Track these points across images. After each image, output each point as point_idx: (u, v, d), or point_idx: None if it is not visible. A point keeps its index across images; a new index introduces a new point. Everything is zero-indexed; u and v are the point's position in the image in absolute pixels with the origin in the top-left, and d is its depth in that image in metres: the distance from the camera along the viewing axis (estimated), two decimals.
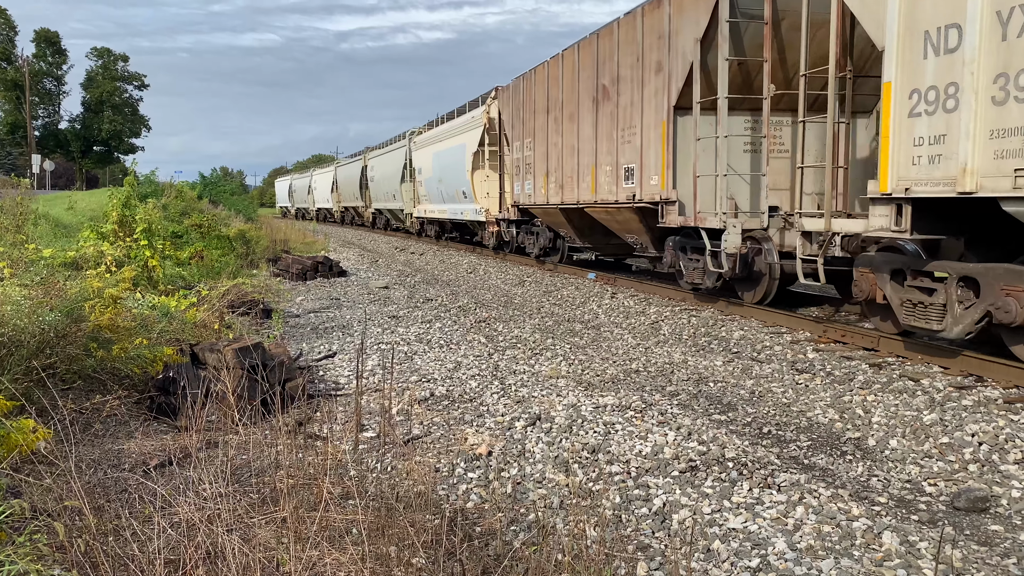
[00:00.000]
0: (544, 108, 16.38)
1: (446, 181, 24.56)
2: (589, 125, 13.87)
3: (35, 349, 5.72)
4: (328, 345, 9.19)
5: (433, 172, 26.41)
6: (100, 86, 72.55)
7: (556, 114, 15.57)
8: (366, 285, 15.61)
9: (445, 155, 24.80)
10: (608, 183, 13.15)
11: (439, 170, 25.55)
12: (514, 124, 18.86)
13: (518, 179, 18.55)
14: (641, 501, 4.51)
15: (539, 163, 16.79)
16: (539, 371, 7.75)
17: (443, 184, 25.04)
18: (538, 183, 16.85)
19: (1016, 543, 4.06)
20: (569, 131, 14.87)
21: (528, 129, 17.57)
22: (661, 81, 11.23)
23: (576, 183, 14.54)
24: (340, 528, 3.71)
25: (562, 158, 15.27)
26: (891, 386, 6.88)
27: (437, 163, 25.83)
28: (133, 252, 11.35)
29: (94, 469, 4.63)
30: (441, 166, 25.21)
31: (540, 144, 16.70)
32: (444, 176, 24.82)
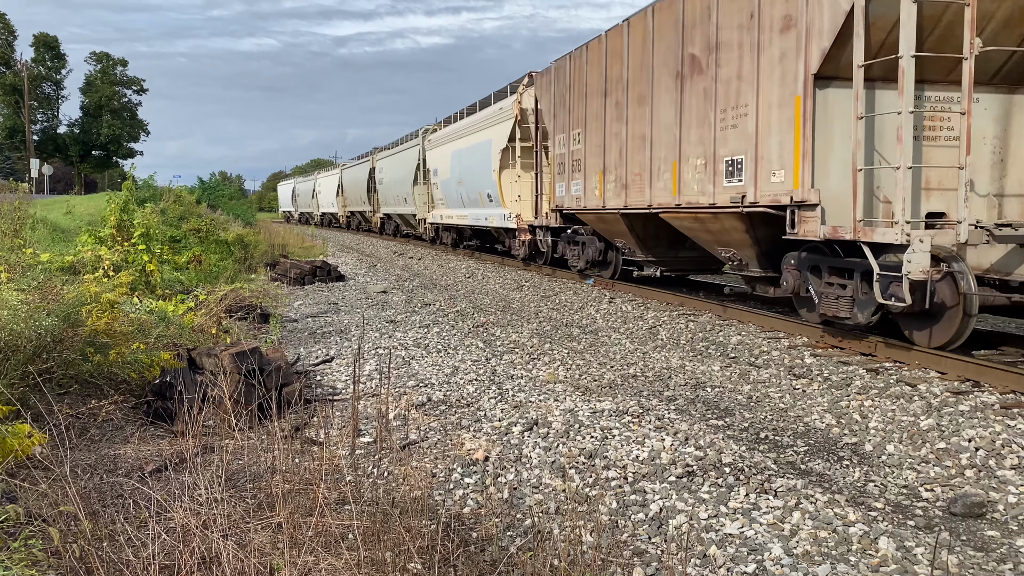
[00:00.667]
0: (599, 90, 13.37)
1: (467, 183, 22.14)
2: (669, 108, 11.02)
3: (32, 354, 5.71)
4: (326, 350, 9.18)
5: (451, 173, 23.85)
6: (99, 90, 72.59)
7: (618, 97, 12.62)
8: (364, 290, 15.60)
9: (466, 154, 22.15)
10: (698, 181, 10.34)
11: (459, 170, 23.01)
12: (556, 114, 15.77)
13: (561, 179, 15.57)
14: (638, 506, 4.50)
15: (592, 158, 13.91)
16: (537, 376, 7.75)
17: (463, 186, 22.63)
18: (590, 183, 14.02)
19: (1012, 548, 4.06)
20: (637, 117, 11.99)
21: (577, 118, 14.57)
22: (791, 42, 8.45)
23: (647, 182, 11.73)
24: (336, 533, 3.70)
25: (626, 151, 12.39)
26: (888, 391, 6.88)
27: (457, 163, 23.25)
28: (131, 256, 11.35)
29: (90, 474, 4.62)
30: (461, 166, 22.70)
31: (594, 135, 13.73)
32: (465, 177, 22.35)
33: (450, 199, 24.53)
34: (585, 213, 14.70)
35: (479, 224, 21.83)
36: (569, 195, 15.22)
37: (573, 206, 15.07)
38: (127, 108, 75.18)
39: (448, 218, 25.25)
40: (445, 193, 25.01)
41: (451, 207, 24.64)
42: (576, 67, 14.66)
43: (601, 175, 13.51)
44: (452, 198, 24.25)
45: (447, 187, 24.59)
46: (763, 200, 8.99)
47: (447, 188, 24.62)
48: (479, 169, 20.78)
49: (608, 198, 13.22)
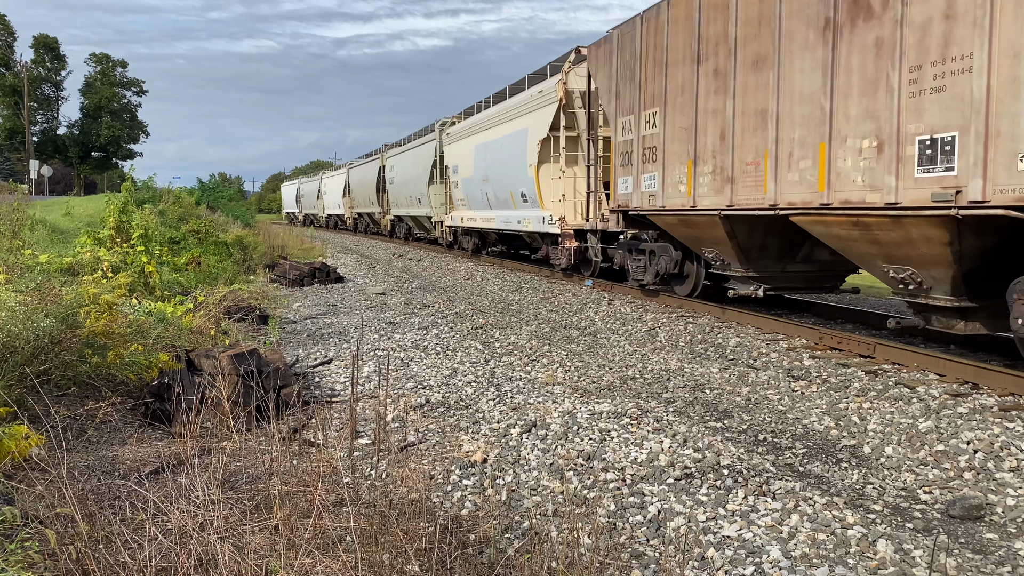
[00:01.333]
0: (688, 56, 10.44)
1: (495, 181, 19.47)
2: (811, 72, 8.15)
3: (29, 355, 5.71)
4: (324, 351, 9.17)
5: (475, 170, 21.15)
6: (99, 92, 72.59)
7: (718, 63, 9.75)
8: (363, 291, 15.60)
9: (495, 147, 19.38)
10: (865, 171, 7.46)
11: (484, 167, 20.26)
12: (619, 92, 12.71)
13: (626, 172, 12.49)
14: (636, 508, 4.50)
15: (674, 145, 10.89)
16: (535, 378, 7.74)
17: (490, 185, 19.97)
18: (671, 176, 11.02)
19: (1011, 551, 4.06)
20: (752, 87, 9.06)
21: (651, 94, 11.56)
22: None
23: (769, 173, 8.71)
24: (333, 535, 3.70)
25: (731, 133, 9.49)
26: (887, 393, 6.88)
27: (482, 158, 20.43)
28: (130, 258, 11.35)
29: (87, 476, 4.61)
30: (488, 161, 19.95)
31: (678, 115, 10.81)
32: (492, 174, 19.63)
33: (473, 199, 21.92)
34: (662, 215, 11.48)
35: (508, 228, 19.14)
36: (638, 192, 12.07)
37: (644, 206, 11.85)
38: (127, 109, 75.17)
39: (470, 221, 22.46)
40: (467, 193, 22.37)
41: (474, 208, 22.04)
42: (651, 31, 11.57)
43: (690, 166, 10.46)
44: (475, 198, 21.64)
45: (469, 186, 21.96)
46: (1000, 197, 6.13)
47: (469, 187, 21.99)
48: (511, 164, 18.20)
49: (701, 195, 10.19)
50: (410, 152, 30.05)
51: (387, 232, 37.26)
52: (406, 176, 30.30)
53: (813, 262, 10.12)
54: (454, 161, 23.69)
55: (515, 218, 18.53)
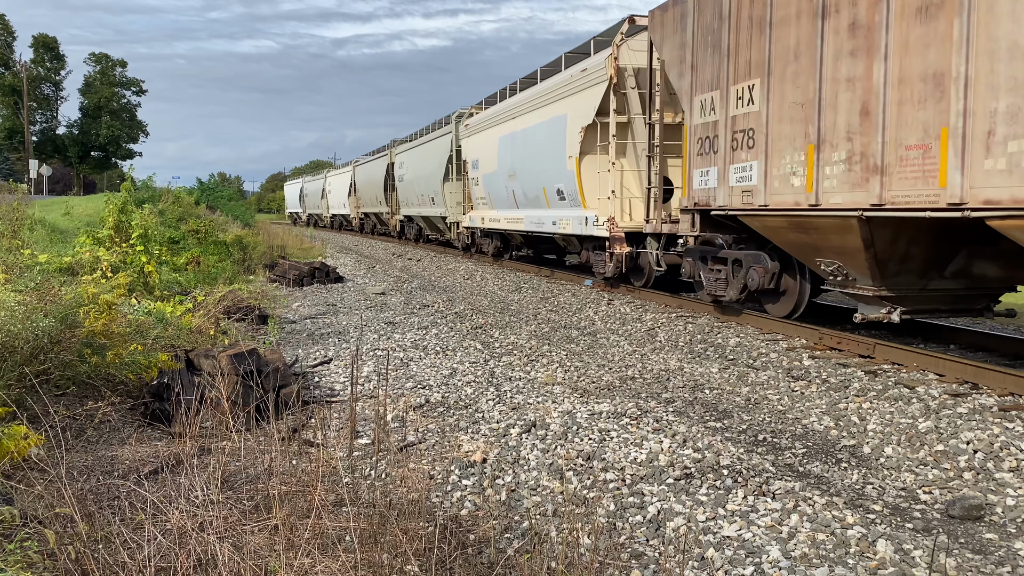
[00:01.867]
0: (807, 9, 8.20)
1: (524, 175, 17.45)
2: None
3: (28, 355, 5.70)
4: (324, 351, 9.17)
5: (500, 164, 19.06)
6: (98, 91, 72.56)
7: (856, 14, 7.53)
8: (363, 291, 15.60)
9: (525, 138, 17.35)
10: None
11: (511, 160, 18.17)
12: (697, 64, 10.44)
13: (706, 162, 10.28)
14: (635, 508, 4.49)
15: (783, 125, 8.66)
16: (535, 378, 7.74)
17: (518, 181, 17.80)
18: (778, 165, 8.77)
19: (1011, 551, 4.06)
20: (920, 43, 6.87)
21: (746, 63, 9.30)
22: None
23: (953, 158, 6.51)
24: (333, 536, 3.69)
25: (880, 109, 7.27)
26: (886, 393, 6.88)
27: (508, 150, 18.35)
28: (129, 258, 11.34)
29: (86, 476, 4.61)
30: (516, 154, 17.83)
31: (789, 86, 8.53)
32: (521, 168, 17.51)
33: (496, 197, 19.73)
34: (763, 216, 9.19)
35: (540, 230, 16.89)
36: (724, 187, 9.84)
37: (735, 204, 9.60)
38: (126, 109, 75.13)
39: (492, 222, 20.08)
40: (489, 190, 20.14)
41: (498, 207, 19.84)
42: None
43: (811, 152, 8.20)
44: (499, 196, 19.44)
45: (492, 183, 19.76)
46: None
47: (492, 184, 19.78)
48: (544, 157, 15.97)
49: (828, 190, 8.00)
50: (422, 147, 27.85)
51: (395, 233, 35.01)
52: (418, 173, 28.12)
53: (966, 277, 8.08)
54: (474, 155, 21.47)
55: (548, 218, 16.23)
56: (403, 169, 30.58)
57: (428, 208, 27.21)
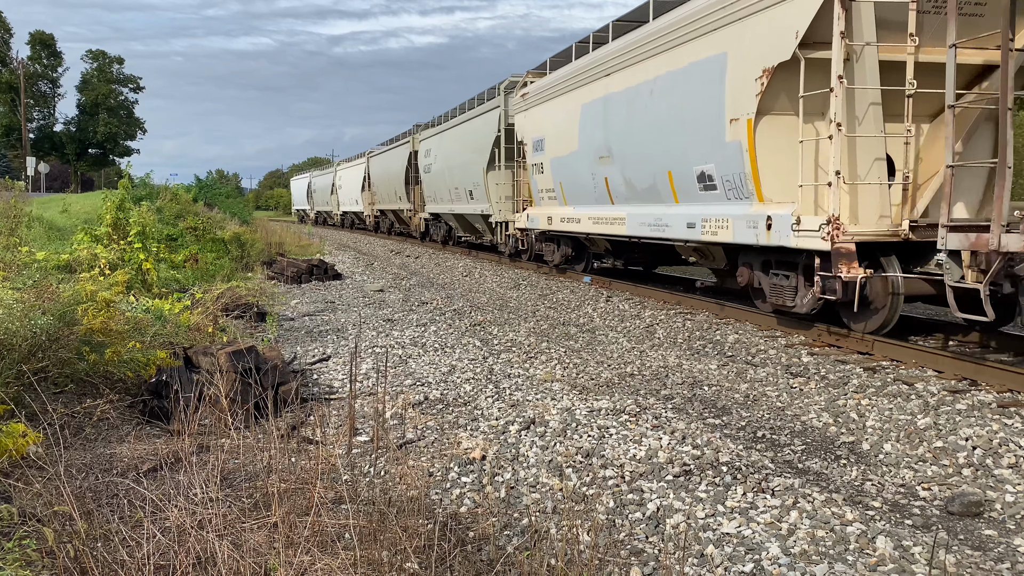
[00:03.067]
0: None
1: (630, 156, 12.39)
2: None
3: (27, 353, 5.69)
4: (322, 348, 9.16)
5: (582, 142, 14.07)
6: (95, 88, 72.40)
7: None
8: (361, 288, 15.58)
9: (631, 100, 12.07)
10: None
11: (604, 136, 13.11)
12: None
13: None
14: (635, 505, 4.49)
15: None
16: (534, 375, 7.74)
17: (616, 164, 12.86)
18: None
19: (1010, 548, 4.06)
20: None
21: None
22: None
23: None
24: (332, 533, 3.69)
25: None
26: (885, 390, 6.88)
27: (598, 122, 13.33)
28: (127, 255, 11.32)
29: (85, 474, 4.60)
30: (614, 126, 12.77)
31: None
32: (625, 146, 12.49)
33: (574, 189, 15.00)
34: None
35: (660, 236, 11.85)
36: None
37: None
38: (124, 106, 74.97)
39: (567, 222, 15.42)
40: (561, 179, 15.47)
41: (576, 202, 15.09)
42: None
43: None
44: (579, 187, 14.69)
45: (567, 169, 15.12)
46: None
47: (567, 171, 15.15)
48: (674, 124, 10.88)
49: None
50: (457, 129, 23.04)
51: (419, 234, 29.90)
52: (450, 162, 23.32)
53: None
54: (535, 133, 16.54)
55: (678, 218, 11.10)
56: (429, 158, 25.72)
57: (464, 204, 22.47)
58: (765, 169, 9.15)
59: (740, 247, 10.19)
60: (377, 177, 35.82)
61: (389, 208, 34.14)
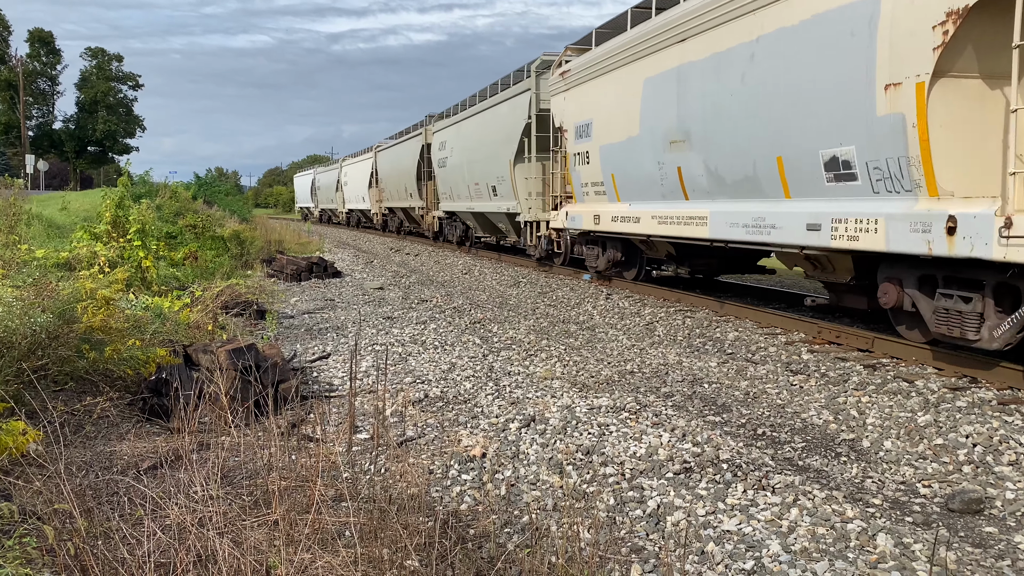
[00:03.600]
0: None
1: (717, 141, 9.85)
2: None
3: (26, 351, 5.69)
4: (322, 346, 9.16)
5: (645, 125, 11.54)
6: (94, 86, 72.35)
7: None
8: (361, 286, 15.58)
9: (728, 67, 9.40)
10: None
11: (679, 115, 10.59)
12: None
13: None
14: (635, 503, 4.49)
15: None
16: (534, 372, 7.73)
17: (696, 150, 10.29)
18: None
19: (1010, 545, 4.06)
20: None
21: None
22: None
23: None
24: (332, 531, 3.69)
25: None
26: (885, 387, 6.88)
27: (670, 99, 10.78)
28: (127, 253, 11.31)
29: (85, 471, 4.60)
30: (694, 103, 10.25)
31: None
32: (710, 128, 9.94)
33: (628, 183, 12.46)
34: None
35: (757, 240, 9.31)
36: None
37: None
38: (123, 104, 74.92)
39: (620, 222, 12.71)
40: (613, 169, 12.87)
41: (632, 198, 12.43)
42: None
43: None
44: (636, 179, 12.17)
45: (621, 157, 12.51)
46: None
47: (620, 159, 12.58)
48: (793, 94, 8.32)
49: None
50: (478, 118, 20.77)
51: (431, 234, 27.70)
52: (470, 154, 21.22)
53: None
54: (579, 117, 14.08)
55: (794, 219, 8.49)
56: (445, 151, 23.62)
57: (485, 201, 20.34)
58: (943, 152, 6.71)
59: (881, 256, 7.73)
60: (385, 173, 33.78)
61: (398, 206, 32.06)
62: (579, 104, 14.21)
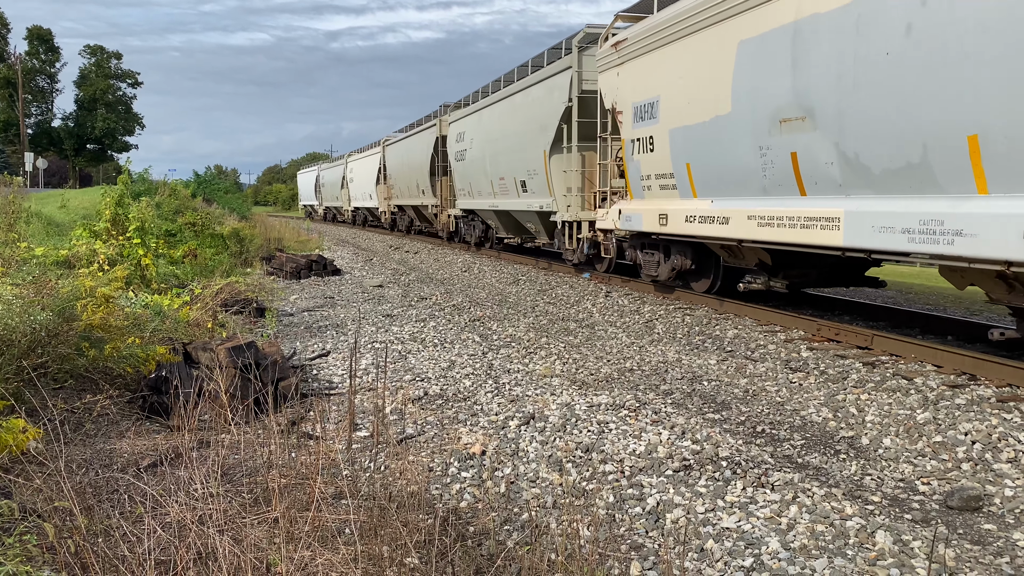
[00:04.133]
0: None
1: (876, 119, 7.17)
2: None
3: (26, 348, 5.69)
4: (322, 344, 9.16)
5: (741, 99, 9.11)
6: (93, 84, 72.30)
7: None
8: (361, 284, 15.58)
9: (908, 7, 6.68)
10: None
11: (805, 84, 8.03)
12: None
13: None
14: (635, 500, 4.50)
15: None
16: (533, 370, 7.74)
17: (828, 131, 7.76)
18: None
19: (1009, 542, 4.07)
20: None
21: None
22: None
23: None
24: (332, 528, 3.69)
25: None
26: (884, 384, 6.89)
27: (794, 61, 8.12)
28: (126, 250, 11.31)
29: (85, 469, 4.60)
30: (843, 65, 7.49)
31: None
32: (867, 97, 7.24)
33: (710, 173, 10.07)
34: None
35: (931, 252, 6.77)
36: None
37: None
38: (122, 101, 74.89)
39: (701, 222, 10.17)
40: (689, 157, 10.42)
41: (718, 194, 9.97)
42: None
43: None
44: (723, 169, 9.72)
45: (698, 143, 10.15)
46: None
47: (697, 145, 10.19)
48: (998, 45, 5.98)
49: None
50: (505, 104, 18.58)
51: (446, 234, 25.73)
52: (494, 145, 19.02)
53: None
54: (639, 96, 11.56)
55: (1004, 223, 6.08)
56: (463, 142, 21.65)
57: (512, 198, 18.21)
58: None
59: None
60: (394, 168, 31.73)
61: (409, 203, 29.92)
62: (639, 80, 11.70)
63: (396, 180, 31.81)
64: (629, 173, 12.34)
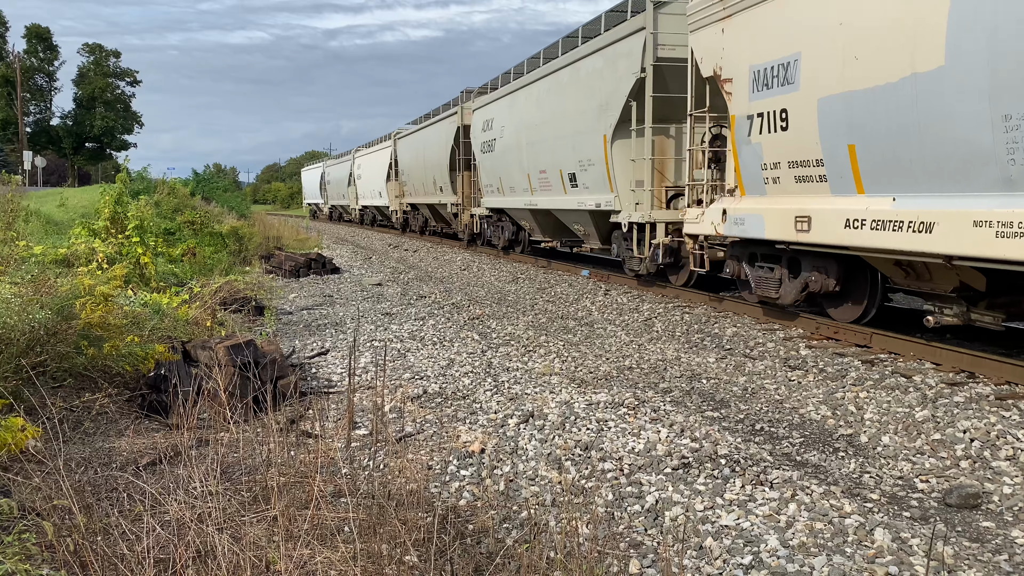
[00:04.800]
0: None
1: None
2: None
3: (25, 347, 5.68)
4: (321, 342, 9.16)
5: (962, 48, 6.10)
6: (92, 82, 72.25)
7: None
8: (359, 282, 15.58)
9: None
10: None
11: None
12: None
13: None
14: (634, 498, 4.50)
15: None
16: (532, 368, 7.74)
17: None
18: None
19: (1007, 539, 4.07)
20: None
21: None
22: None
23: None
24: (331, 526, 3.69)
25: None
26: (883, 383, 6.89)
27: None
28: (125, 249, 11.30)
29: (84, 468, 4.60)
30: None
31: None
32: None
33: (891, 159, 7.08)
34: None
35: None
36: None
37: None
38: (120, 100, 74.85)
39: (873, 228, 7.23)
40: (854, 138, 7.47)
41: (904, 188, 7.01)
42: None
43: None
44: (915, 154, 6.76)
45: (870, 116, 7.19)
46: None
47: (868, 119, 7.22)
48: None
49: None
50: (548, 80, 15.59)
51: (467, 236, 22.94)
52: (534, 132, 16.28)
53: None
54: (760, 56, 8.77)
55: None
56: (492, 131, 18.80)
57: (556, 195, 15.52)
58: None
59: None
60: (407, 164, 28.75)
61: (423, 202, 27.02)
62: (762, 33, 8.79)
63: (409, 176, 28.96)
64: (741, 161, 9.38)
